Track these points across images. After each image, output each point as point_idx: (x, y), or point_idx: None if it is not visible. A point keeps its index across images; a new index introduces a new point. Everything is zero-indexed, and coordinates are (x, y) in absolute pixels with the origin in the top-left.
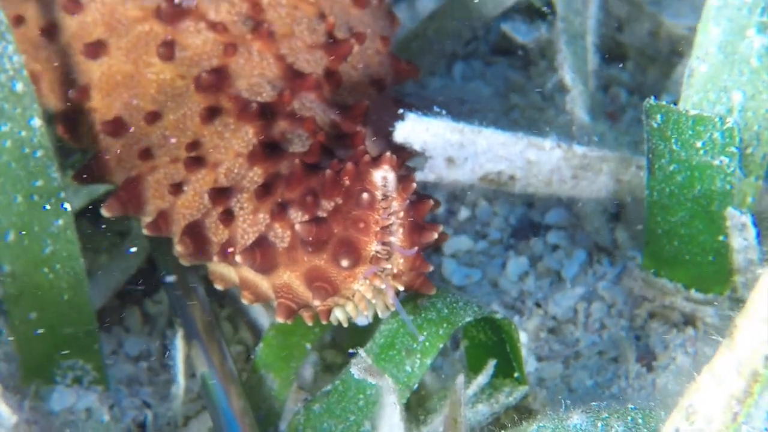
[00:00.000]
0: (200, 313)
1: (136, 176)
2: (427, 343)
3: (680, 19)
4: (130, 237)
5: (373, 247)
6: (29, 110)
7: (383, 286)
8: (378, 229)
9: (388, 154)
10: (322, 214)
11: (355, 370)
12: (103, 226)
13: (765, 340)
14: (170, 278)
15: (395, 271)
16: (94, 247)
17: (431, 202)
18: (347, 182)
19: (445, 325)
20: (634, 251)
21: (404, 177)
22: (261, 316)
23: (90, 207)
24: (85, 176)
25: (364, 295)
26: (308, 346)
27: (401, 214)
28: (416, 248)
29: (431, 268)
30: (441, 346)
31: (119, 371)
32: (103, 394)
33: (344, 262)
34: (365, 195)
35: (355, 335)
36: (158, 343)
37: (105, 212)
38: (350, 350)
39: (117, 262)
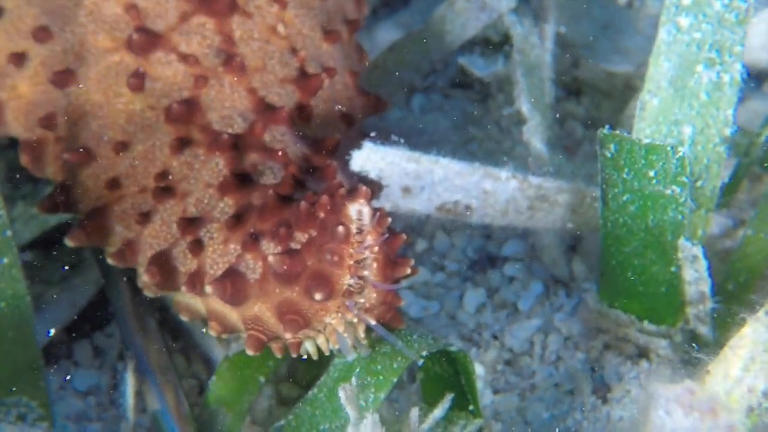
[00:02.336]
0: (152, 347)
1: (102, 206)
2: (381, 377)
3: (612, 65)
4: (81, 268)
5: (347, 280)
6: None
7: (355, 320)
8: (352, 262)
9: (363, 188)
10: (295, 246)
11: (342, 394)
12: (54, 253)
13: (749, 389)
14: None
15: (367, 305)
16: (45, 279)
17: (404, 236)
18: (322, 215)
19: (399, 358)
20: (590, 283)
21: (378, 212)
22: (215, 348)
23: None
24: (50, 206)
25: (336, 328)
26: (262, 379)
27: (375, 248)
28: (392, 283)
29: (403, 302)
30: (395, 380)
31: (67, 406)
32: (48, 431)
33: (317, 295)
34: (340, 228)
35: (311, 368)
36: (108, 377)
37: (69, 242)
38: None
39: (67, 294)
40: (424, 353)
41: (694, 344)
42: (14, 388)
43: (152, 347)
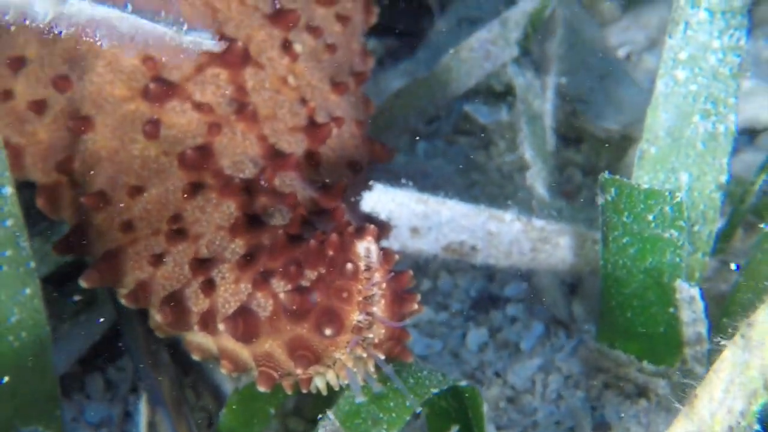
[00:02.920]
0: (165, 380)
1: (116, 248)
2: (394, 414)
3: (604, 121)
4: (95, 302)
5: (356, 316)
6: (0, 179)
7: (365, 355)
8: (360, 299)
9: (371, 226)
10: (305, 283)
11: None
12: (73, 297)
13: (729, 410)
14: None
15: (376, 340)
16: (58, 313)
17: (410, 273)
18: (331, 253)
19: (412, 396)
20: (589, 324)
21: (386, 250)
22: (224, 382)
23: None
24: (65, 248)
25: (345, 364)
26: (272, 411)
27: (383, 285)
28: (399, 319)
29: (411, 338)
30: (408, 418)
31: None
32: None
33: (327, 331)
34: (349, 265)
35: (319, 402)
36: (120, 409)
37: (84, 283)
38: (319, 416)
39: (81, 328)
40: (435, 390)
41: (689, 380)
42: (30, 417)
43: (165, 380)
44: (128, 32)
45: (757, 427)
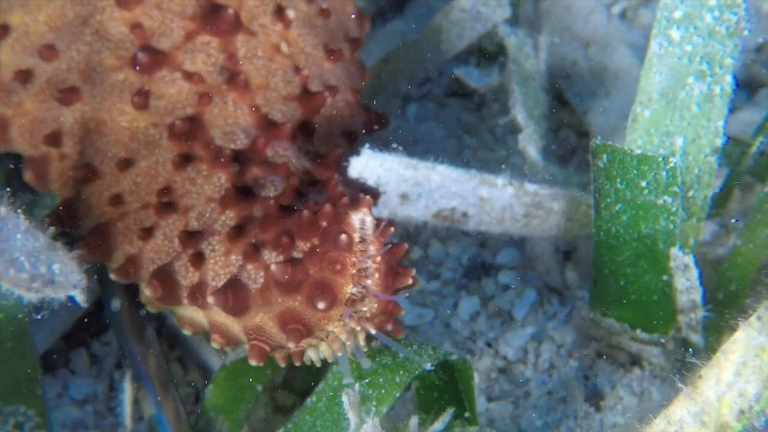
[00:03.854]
0: (150, 356)
1: (105, 222)
2: (383, 390)
3: (586, 111)
4: None
5: (349, 289)
6: None
7: (358, 328)
8: (354, 271)
9: (366, 197)
10: (297, 255)
11: (346, 399)
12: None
13: (741, 393)
14: (115, 305)
15: (368, 314)
16: None
17: (405, 246)
18: (324, 224)
19: (401, 372)
20: (583, 291)
21: (381, 221)
22: (211, 357)
23: None
24: (53, 222)
25: (338, 337)
26: (259, 387)
27: (378, 258)
28: (393, 293)
29: (403, 312)
30: (398, 394)
31: (64, 415)
32: None
33: (320, 304)
34: (343, 237)
35: (307, 376)
36: (105, 385)
37: None
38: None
39: (64, 303)
40: (429, 364)
41: (687, 349)
42: (11, 397)
43: (150, 356)
44: None
45: None
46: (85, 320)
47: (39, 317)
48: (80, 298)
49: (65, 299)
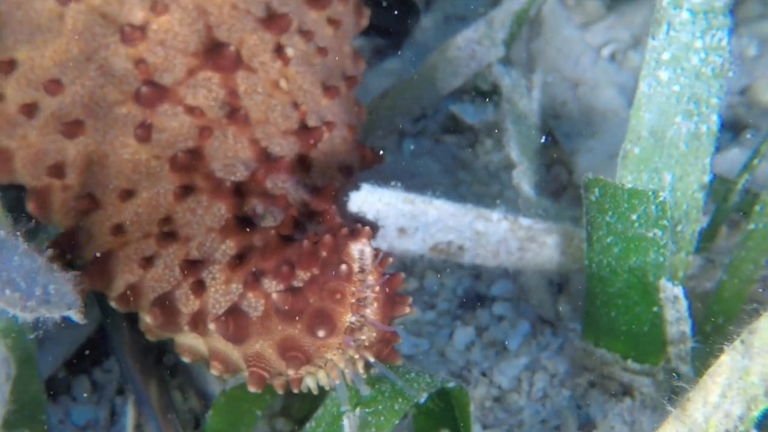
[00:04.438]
0: (152, 383)
1: (106, 252)
2: (382, 418)
3: (573, 152)
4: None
5: (349, 318)
6: None
7: (356, 356)
8: (354, 300)
9: (366, 228)
10: (297, 284)
11: (346, 423)
12: None
13: (726, 414)
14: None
15: (367, 342)
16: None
17: (403, 276)
18: (324, 254)
19: (400, 400)
20: (575, 323)
21: (379, 252)
22: (211, 383)
23: None
24: (54, 252)
25: (336, 364)
26: (258, 413)
27: (377, 288)
28: (391, 322)
29: (400, 340)
30: (397, 422)
31: None
32: None
33: (320, 332)
34: (343, 267)
35: (305, 403)
36: (106, 411)
37: None
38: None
39: (67, 331)
40: (425, 394)
41: (675, 375)
42: (16, 422)
43: (152, 384)
44: None
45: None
46: (88, 347)
47: (42, 345)
48: (77, 317)
49: (60, 320)
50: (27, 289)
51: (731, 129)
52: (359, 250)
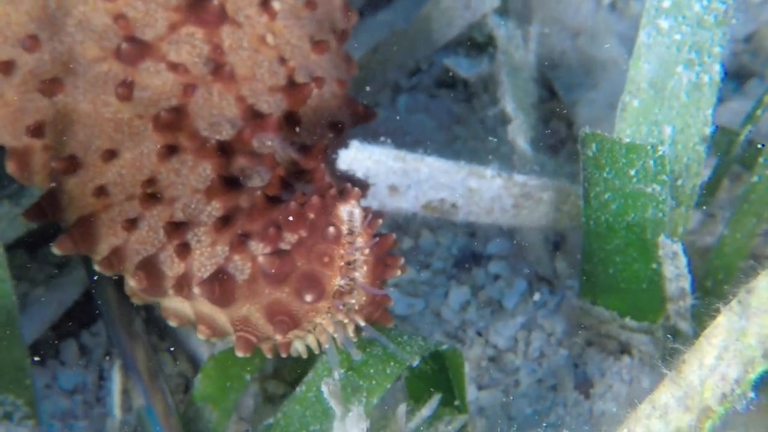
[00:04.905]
0: (139, 348)
1: (89, 214)
2: (373, 382)
3: (574, 103)
4: (68, 267)
5: (337, 282)
6: None
7: (345, 320)
8: (342, 264)
9: (355, 188)
10: (285, 246)
11: (325, 389)
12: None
13: (722, 377)
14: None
15: (357, 306)
16: (31, 278)
17: (393, 237)
18: (312, 216)
19: (392, 363)
20: (573, 280)
21: (369, 211)
22: (200, 347)
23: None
24: (36, 214)
25: (326, 329)
26: (248, 377)
27: (366, 250)
28: (382, 285)
29: (392, 303)
30: (388, 385)
31: (53, 405)
32: (34, 429)
33: (308, 297)
34: (331, 229)
35: (297, 365)
36: (94, 375)
37: (56, 250)
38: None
39: (54, 293)
40: (417, 358)
41: (670, 336)
42: (1, 387)
43: (139, 348)
44: None
45: (752, 394)
46: (74, 311)
47: (27, 309)
48: None
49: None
50: None
51: (735, 78)
52: (348, 211)
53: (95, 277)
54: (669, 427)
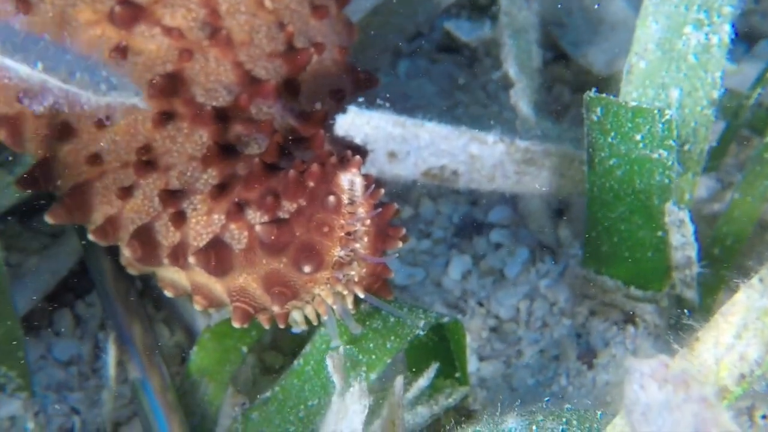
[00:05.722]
0: (134, 320)
1: (83, 182)
2: (373, 356)
3: (582, 54)
4: (62, 237)
5: (337, 252)
6: None
7: (345, 291)
8: (342, 234)
9: (355, 157)
10: (283, 215)
11: (330, 362)
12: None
13: (741, 356)
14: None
15: (356, 277)
16: (24, 248)
17: (395, 206)
18: (311, 184)
19: (392, 337)
20: (576, 249)
21: (370, 178)
22: (197, 318)
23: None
24: (29, 183)
25: (324, 300)
26: (244, 349)
27: (367, 221)
28: (381, 255)
29: (392, 274)
30: (389, 360)
31: (47, 376)
32: (27, 401)
33: (306, 267)
34: (331, 198)
35: (295, 336)
36: (89, 346)
37: (49, 219)
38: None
39: (47, 263)
40: (421, 328)
41: (683, 310)
42: None
43: (135, 323)
44: (38, 89)
45: None
46: (69, 281)
47: (21, 278)
48: (142, 105)
49: None
50: (92, 75)
51: (744, 39)
52: (349, 180)
53: (89, 248)
54: None
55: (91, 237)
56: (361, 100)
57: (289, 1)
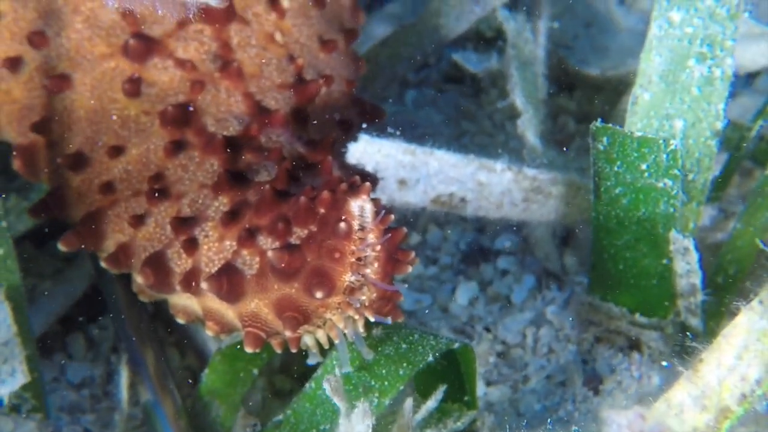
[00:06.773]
0: (147, 346)
1: (95, 210)
2: (386, 383)
3: (586, 66)
4: (75, 260)
5: (348, 277)
6: None
7: (356, 316)
8: (353, 260)
9: (365, 183)
10: (294, 241)
11: (327, 386)
12: (47, 246)
13: (742, 377)
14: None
15: (367, 302)
16: (38, 271)
17: (404, 231)
18: (322, 210)
19: (404, 364)
20: (581, 276)
21: (381, 209)
22: (208, 341)
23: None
24: (42, 211)
25: (336, 324)
26: (255, 371)
27: (377, 246)
28: (392, 280)
29: (402, 297)
30: (401, 387)
31: (61, 398)
32: (42, 422)
33: (318, 293)
34: (342, 225)
35: (305, 360)
36: (102, 369)
37: (62, 247)
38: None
39: (61, 287)
40: (430, 357)
41: (687, 333)
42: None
43: (148, 349)
44: None
45: None
46: (82, 304)
47: (36, 301)
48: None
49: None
50: None
51: (745, 75)
52: (359, 206)
53: (102, 273)
54: (685, 426)
55: (103, 264)
56: (368, 127)
57: (299, 35)
